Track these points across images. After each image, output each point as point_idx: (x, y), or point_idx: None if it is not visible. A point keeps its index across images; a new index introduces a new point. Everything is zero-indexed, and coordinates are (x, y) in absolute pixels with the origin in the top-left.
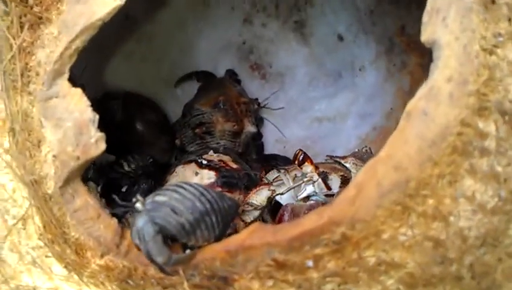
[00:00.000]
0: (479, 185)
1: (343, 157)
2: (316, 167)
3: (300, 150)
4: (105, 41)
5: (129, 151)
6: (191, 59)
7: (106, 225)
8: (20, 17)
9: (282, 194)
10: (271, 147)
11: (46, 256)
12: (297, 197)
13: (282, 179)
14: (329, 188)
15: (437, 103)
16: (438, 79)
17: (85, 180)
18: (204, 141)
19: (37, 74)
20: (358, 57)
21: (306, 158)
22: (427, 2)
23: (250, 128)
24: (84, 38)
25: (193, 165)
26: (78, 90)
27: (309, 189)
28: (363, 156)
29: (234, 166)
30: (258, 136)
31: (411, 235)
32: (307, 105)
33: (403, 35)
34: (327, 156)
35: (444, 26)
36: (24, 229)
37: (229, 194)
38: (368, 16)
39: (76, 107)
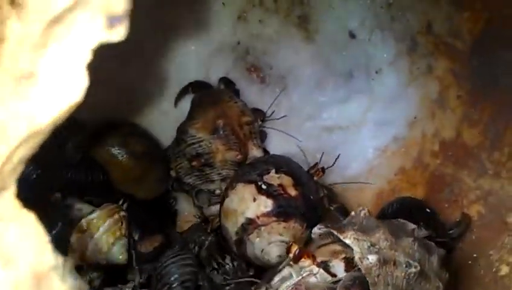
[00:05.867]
0: None
1: (341, 229)
2: (314, 258)
3: (294, 242)
4: None
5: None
6: (178, 67)
7: None
8: None
9: None
10: None
11: None
12: None
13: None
14: (333, 275)
15: None
16: None
17: None
18: (203, 173)
19: None
20: (374, 57)
21: (302, 253)
22: None
23: (255, 152)
24: (31, 145)
25: (253, 188)
26: (32, 215)
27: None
28: (362, 223)
29: (293, 193)
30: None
31: None
32: (314, 112)
33: (430, 34)
34: (320, 224)
35: None
36: None
37: (283, 224)
38: (385, 9)
39: (29, 241)
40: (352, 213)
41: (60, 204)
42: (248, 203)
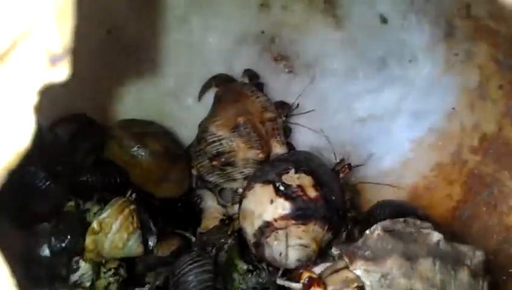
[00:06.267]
0: None
1: (352, 257)
2: (325, 286)
3: (305, 269)
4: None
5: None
6: (200, 61)
7: None
8: None
9: None
10: None
11: None
12: None
13: None
14: None
15: None
16: None
17: None
18: (225, 172)
19: None
20: (407, 43)
21: (313, 281)
22: None
23: (278, 149)
24: None
25: (271, 189)
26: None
27: None
28: (376, 246)
29: (313, 194)
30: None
31: None
32: (345, 102)
33: (468, 17)
34: (335, 246)
35: None
36: None
37: (302, 227)
38: None
39: None
40: (367, 232)
41: (75, 211)
42: (265, 206)
